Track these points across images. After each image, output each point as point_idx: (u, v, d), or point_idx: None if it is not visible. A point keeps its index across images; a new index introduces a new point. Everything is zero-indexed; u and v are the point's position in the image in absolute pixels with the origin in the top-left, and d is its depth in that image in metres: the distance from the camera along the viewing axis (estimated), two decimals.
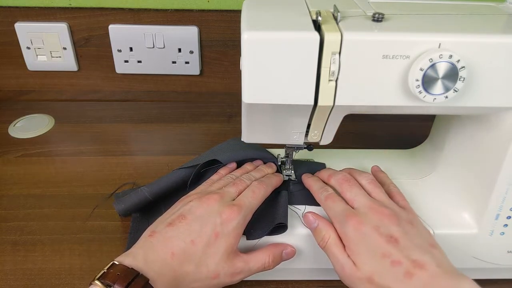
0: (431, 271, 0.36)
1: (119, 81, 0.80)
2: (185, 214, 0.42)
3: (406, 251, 0.38)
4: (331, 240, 0.42)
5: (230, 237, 0.41)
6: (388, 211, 0.41)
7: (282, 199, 0.48)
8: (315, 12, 0.38)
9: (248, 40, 0.35)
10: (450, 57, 0.35)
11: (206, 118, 0.77)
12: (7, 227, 0.54)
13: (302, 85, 0.37)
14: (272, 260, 0.43)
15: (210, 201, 0.43)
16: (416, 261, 0.37)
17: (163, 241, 0.40)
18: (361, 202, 0.43)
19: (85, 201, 0.58)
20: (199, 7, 0.72)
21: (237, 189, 0.45)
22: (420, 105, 0.39)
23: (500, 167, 0.42)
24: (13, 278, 0.48)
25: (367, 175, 0.47)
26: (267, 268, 0.44)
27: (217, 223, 0.41)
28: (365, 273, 0.38)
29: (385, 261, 0.38)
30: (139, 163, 0.65)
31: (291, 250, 0.45)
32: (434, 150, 0.53)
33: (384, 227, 0.40)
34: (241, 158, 0.53)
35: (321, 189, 0.46)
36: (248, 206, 0.43)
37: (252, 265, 0.43)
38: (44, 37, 0.74)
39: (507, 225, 0.45)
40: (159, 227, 0.41)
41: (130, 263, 0.37)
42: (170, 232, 0.40)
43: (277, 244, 0.45)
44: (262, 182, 0.47)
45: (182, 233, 0.40)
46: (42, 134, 0.72)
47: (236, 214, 0.42)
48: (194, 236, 0.40)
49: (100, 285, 0.35)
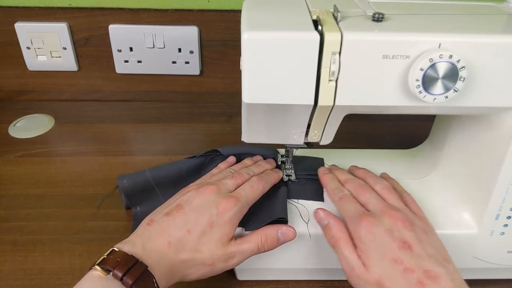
0: (443, 285, 0.36)
1: (119, 81, 0.80)
2: (182, 204, 0.43)
3: (419, 260, 0.37)
4: (342, 239, 0.41)
5: (225, 227, 0.42)
6: (402, 215, 0.40)
7: (281, 194, 0.48)
8: (315, 12, 0.38)
9: (248, 40, 0.35)
10: (450, 57, 0.35)
11: (206, 118, 0.77)
12: (7, 227, 0.54)
13: (302, 85, 0.37)
14: (265, 240, 0.43)
15: (207, 191, 0.43)
16: (429, 272, 0.36)
17: (160, 230, 0.41)
18: (376, 205, 0.42)
19: (85, 201, 0.58)
20: (199, 7, 0.72)
21: (235, 182, 0.46)
22: (420, 105, 0.39)
23: (500, 167, 0.42)
24: (13, 278, 0.48)
25: (382, 181, 0.46)
26: (262, 249, 0.43)
27: (213, 213, 0.42)
28: (375, 276, 0.38)
29: (397, 267, 0.37)
30: (139, 163, 0.65)
31: (287, 230, 0.44)
32: (434, 150, 0.53)
33: (397, 231, 0.39)
34: (242, 152, 0.54)
35: (337, 190, 0.46)
36: (245, 199, 0.44)
37: (245, 247, 0.42)
38: (44, 37, 0.74)
39: (507, 225, 0.45)
40: (157, 216, 0.42)
41: (129, 250, 0.38)
42: (167, 221, 0.41)
43: (270, 225, 0.44)
44: (261, 178, 0.47)
45: (179, 222, 0.41)
46: (42, 134, 0.72)
47: (232, 205, 0.42)
48: (190, 225, 0.41)
49: (100, 270, 0.36)
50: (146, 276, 0.37)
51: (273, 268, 0.48)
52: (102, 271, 0.36)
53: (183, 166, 0.54)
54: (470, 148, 0.46)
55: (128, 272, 0.36)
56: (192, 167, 0.54)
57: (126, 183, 0.54)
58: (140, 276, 0.36)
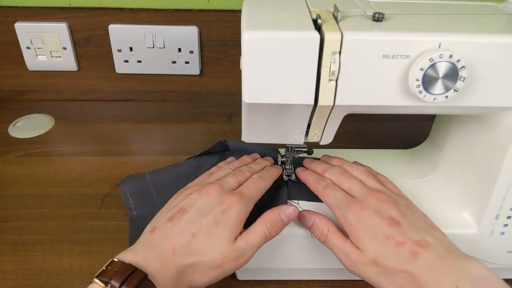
0: (436, 251, 0.37)
1: (119, 81, 0.80)
2: (185, 207, 0.41)
3: (409, 232, 0.39)
4: (331, 232, 0.42)
5: (231, 224, 0.40)
6: (385, 196, 0.42)
7: (282, 194, 0.48)
8: (315, 12, 0.38)
9: (248, 40, 0.35)
10: (450, 56, 0.35)
11: (206, 118, 0.77)
12: (7, 227, 0.54)
13: (302, 85, 0.37)
14: (271, 226, 0.42)
15: (209, 191, 0.42)
16: (419, 241, 0.38)
17: (164, 236, 0.39)
18: (359, 190, 0.43)
19: (85, 201, 0.58)
20: (199, 7, 0.72)
21: (236, 180, 0.45)
22: (420, 105, 0.39)
23: (500, 167, 0.42)
24: (13, 278, 0.48)
25: (359, 167, 0.47)
26: (269, 236, 0.42)
27: (218, 212, 0.40)
28: (370, 256, 0.39)
29: (389, 243, 0.38)
30: (139, 163, 0.65)
31: (291, 209, 0.43)
32: (434, 150, 0.53)
33: (384, 211, 0.40)
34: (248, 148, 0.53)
35: (318, 179, 0.46)
36: (249, 196, 0.43)
37: (252, 240, 0.41)
38: (44, 37, 0.74)
39: (507, 225, 0.45)
40: (160, 222, 0.41)
41: (131, 259, 0.37)
42: (170, 227, 0.40)
43: (270, 210, 0.43)
44: (263, 175, 0.47)
45: (183, 226, 0.40)
46: (42, 134, 0.72)
47: (237, 201, 0.41)
48: (195, 228, 0.40)
49: (98, 282, 0.35)
50: (146, 285, 0.36)
51: (273, 268, 0.48)
52: (101, 283, 0.35)
53: (181, 169, 0.54)
54: (470, 148, 0.46)
55: (126, 282, 0.35)
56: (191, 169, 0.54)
57: (126, 186, 0.54)
58: (139, 285, 0.35)
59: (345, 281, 0.50)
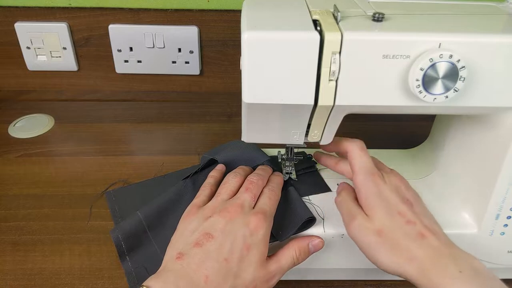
0: (443, 239, 0.39)
1: (119, 81, 0.80)
2: (210, 231, 0.40)
3: (420, 216, 0.41)
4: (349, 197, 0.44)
5: (261, 246, 0.41)
6: (404, 179, 0.45)
7: (294, 195, 0.48)
8: (315, 12, 0.38)
9: (248, 40, 0.35)
10: (450, 57, 0.35)
11: (206, 118, 0.77)
12: (7, 227, 0.54)
13: (302, 85, 0.37)
14: (300, 254, 0.43)
15: (232, 214, 0.41)
16: (428, 226, 0.40)
17: (194, 264, 0.38)
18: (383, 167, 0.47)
19: (85, 201, 0.58)
20: (199, 7, 0.72)
21: (251, 194, 0.44)
22: (420, 105, 0.39)
23: (500, 167, 0.42)
24: (13, 278, 0.48)
25: None
26: (297, 262, 0.43)
27: (247, 235, 0.40)
28: (377, 225, 0.40)
29: (400, 219, 0.40)
30: (139, 163, 0.65)
31: (319, 241, 0.44)
32: (434, 150, 0.53)
33: (401, 191, 0.43)
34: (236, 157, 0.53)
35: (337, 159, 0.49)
36: (269, 213, 0.43)
37: (283, 263, 0.42)
38: (44, 37, 0.74)
39: (507, 225, 0.45)
40: (186, 247, 0.40)
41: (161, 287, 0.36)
42: (200, 253, 0.39)
43: (300, 238, 0.44)
44: (273, 188, 0.47)
45: (213, 252, 0.39)
46: (42, 134, 0.72)
47: (263, 222, 0.41)
48: (226, 253, 0.39)
49: None
50: None
51: None
52: None
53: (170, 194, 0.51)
54: (470, 148, 0.46)
55: None
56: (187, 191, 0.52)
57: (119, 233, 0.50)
58: None
59: (346, 281, 0.50)
